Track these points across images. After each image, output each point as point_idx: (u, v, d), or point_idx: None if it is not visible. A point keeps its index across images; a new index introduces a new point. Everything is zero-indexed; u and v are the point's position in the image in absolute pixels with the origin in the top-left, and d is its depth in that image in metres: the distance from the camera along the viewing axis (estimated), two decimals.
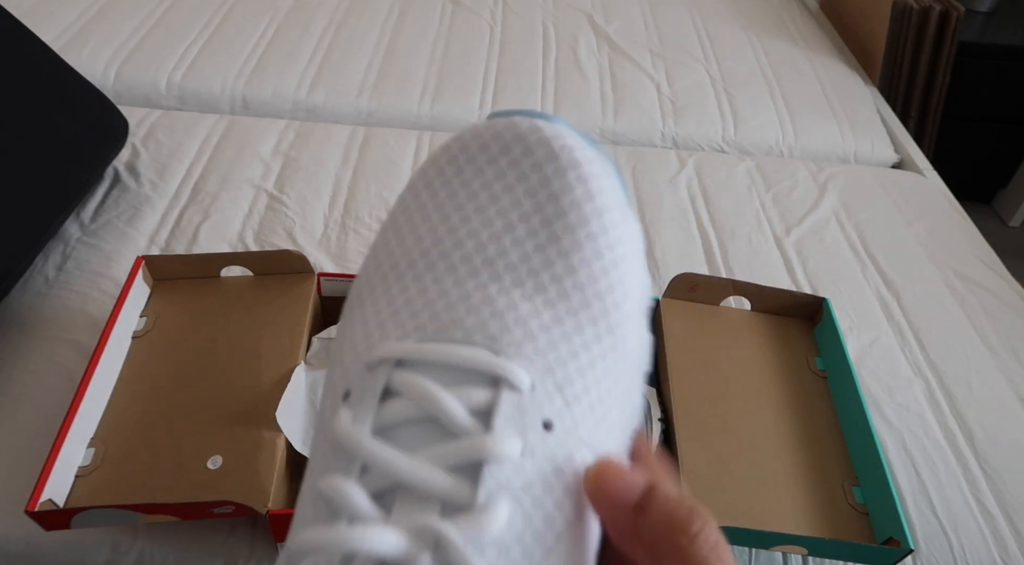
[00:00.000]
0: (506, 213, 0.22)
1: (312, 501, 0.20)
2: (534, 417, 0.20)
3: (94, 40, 1.16)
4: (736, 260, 0.91)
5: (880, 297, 0.89)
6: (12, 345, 0.70)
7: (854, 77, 1.37)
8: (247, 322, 0.66)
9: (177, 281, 0.70)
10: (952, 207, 1.08)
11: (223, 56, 1.17)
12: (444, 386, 0.20)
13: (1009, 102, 1.78)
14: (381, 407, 0.20)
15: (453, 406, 0.19)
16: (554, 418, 0.20)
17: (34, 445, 0.61)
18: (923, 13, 1.43)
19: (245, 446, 0.56)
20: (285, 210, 0.89)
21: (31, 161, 0.74)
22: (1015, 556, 0.64)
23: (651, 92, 1.24)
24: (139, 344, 0.64)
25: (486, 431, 0.19)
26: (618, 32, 1.39)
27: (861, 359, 0.80)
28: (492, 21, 1.38)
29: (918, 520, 0.66)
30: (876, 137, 1.23)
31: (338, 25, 1.30)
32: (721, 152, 1.16)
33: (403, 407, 0.20)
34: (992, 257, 0.99)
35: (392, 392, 0.20)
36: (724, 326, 0.73)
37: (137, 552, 0.58)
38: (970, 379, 0.80)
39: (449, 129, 1.13)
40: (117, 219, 0.85)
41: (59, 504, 0.52)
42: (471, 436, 0.19)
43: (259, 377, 0.61)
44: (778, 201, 1.03)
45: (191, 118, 1.04)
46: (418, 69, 1.21)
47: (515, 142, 0.23)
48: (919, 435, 0.73)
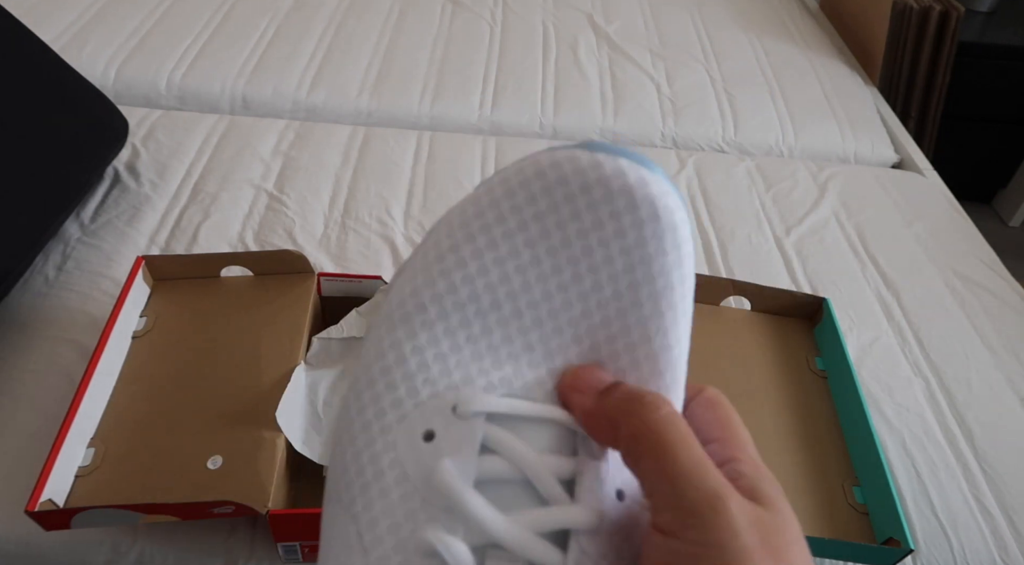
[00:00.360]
0: (597, 270, 0.21)
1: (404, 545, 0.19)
2: (610, 487, 0.21)
3: (94, 40, 1.16)
4: (736, 260, 0.91)
5: (880, 297, 0.89)
6: (12, 345, 0.70)
7: (854, 77, 1.37)
8: (247, 322, 0.66)
9: (177, 281, 0.70)
10: (952, 207, 1.08)
11: (223, 56, 1.17)
12: (536, 450, 0.20)
13: (1009, 102, 1.78)
14: (480, 462, 0.20)
15: (545, 473, 0.20)
16: (625, 487, 0.21)
17: (34, 445, 0.61)
18: (923, 13, 1.43)
19: (245, 446, 0.56)
20: (285, 210, 0.89)
21: (31, 161, 0.74)
22: (1015, 556, 0.64)
23: (651, 92, 1.24)
24: (139, 344, 0.64)
25: (572, 500, 0.20)
26: (618, 32, 1.39)
27: (861, 359, 0.80)
28: (492, 21, 1.38)
29: (918, 520, 0.66)
30: (876, 137, 1.23)
31: (338, 25, 1.30)
32: (721, 152, 1.16)
33: (500, 467, 0.20)
34: (992, 257, 0.99)
35: (487, 448, 0.20)
36: (724, 326, 0.73)
37: (137, 552, 0.58)
38: (970, 379, 0.80)
39: (449, 129, 1.13)
40: (117, 219, 0.85)
41: (59, 504, 0.52)
42: (560, 504, 0.20)
43: (259, 377, 0.61)
44: (778, 201, 1.03)
45: (191, 118, 1.04)
46: (418, 69, 1.21)
47: (621, 193, 0.21)
48: (919, 435, 0.73)
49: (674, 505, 0.20)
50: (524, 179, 0.21)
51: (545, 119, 1.15)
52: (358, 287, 0.71)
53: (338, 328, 0.67)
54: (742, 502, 0.20)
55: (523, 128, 1.15)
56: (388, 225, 0.89)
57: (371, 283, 0.70)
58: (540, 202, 0.21)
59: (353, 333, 0.67)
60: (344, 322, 0.67)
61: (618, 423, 0.20)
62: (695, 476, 0.19)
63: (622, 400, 0.21)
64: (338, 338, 0.66)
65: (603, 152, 0.21)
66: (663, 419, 0.20)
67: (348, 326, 0.67)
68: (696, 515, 0.19)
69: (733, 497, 0.19)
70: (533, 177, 0.21)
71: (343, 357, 0.66)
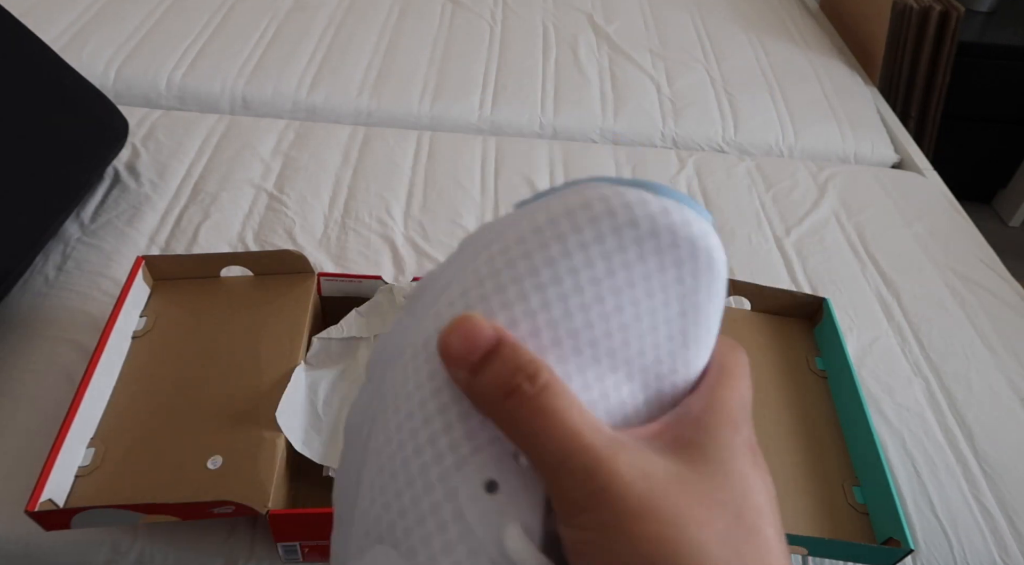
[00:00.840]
0: (655, 313, 0.22)
1: None
2: None
3: (94, 40, 1.16)
4: (736, 260, 0.91)
5: (880, 297, 0.89)
6: (12, 345, 0.70)
7: (854, 77, 1.37)
8: (247, 322, 0.66)
9: (177, 281, 0.70)
10: (952, 207, 1.08)
11: (223, 56, 1.17)
12: None
13: (1009, 102, 1.78)
14: (546, 521, 0.20)
15: None
16: None
17: (34, 445, 0.61)
18: (923, 13, 1.43)
19: (245, 446, 0.56)
20: (285, 210, 0.89)
21: (31, 161, 0.74)
22: (1015, 556, 0.64)
23: (651, 92, 1.24)
24: (139, 344, 0.64)
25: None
26: (618, 32, 1.39)
27: (861, 359, 0.80)
28: (492, 21, 1.38)
29: (918, 520, 0.66)
30: (876, 137, 1.23)
31: (338, 25, 1.30)
32: (721, 152, 1.16)
33: None
34: (992, 257, 0.99)
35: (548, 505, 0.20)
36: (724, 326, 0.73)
37: (137, 552, 0.58)
38: (970, 379, 0.80)
39: (449, 129, 1.13)
40: (117, 219, 0.85)
41: (59, 504, 0.52)
42: None
43: (259, 377, 0.61)
44: (778, 201, 1.03)
45: (191, 118, 1.04)
46: (418, 69, 1.21)
47: (685, 242, 0.22)
48: (919, 435, 0.73)
49: (556, 491, 0.19)
50: (594, 215, 0.21)
51: (545, 119, 1.15)
52: (358, 287, 0.71)
53: (338, 328, 0.67)
54: (630, 460, 0.18)
55: (523, 128, 1.15)
56: (388, 225, 0.89)
57: (371, 283, 0.70)
58: (608, 241, 0.21)
59: (353, 333, 0.67)
60: (344, 322, 0.67)
61: (499, 407, 0.20)
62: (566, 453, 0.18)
63: (497, 378, 0.20)
64: (338, 338, 0.66)
65: (671, 197, 0.22)
66: (540, 394, 0.19)
67: (348, 326, 0.67)
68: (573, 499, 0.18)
69: (614, 460, 0.18)
70: (603, 214, 0.21)
71: (343, 357, 0.66)
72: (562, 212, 0.21)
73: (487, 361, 0.20)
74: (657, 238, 0.21)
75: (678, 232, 0.21)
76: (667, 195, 0.22)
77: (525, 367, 0.20)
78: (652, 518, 0.18)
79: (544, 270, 0.21)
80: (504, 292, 0.21)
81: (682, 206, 0.22)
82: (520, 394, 0.19)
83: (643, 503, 0.18)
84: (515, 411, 0.19)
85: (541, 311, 0.21)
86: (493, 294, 0.21)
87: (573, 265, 0.21)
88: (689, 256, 0.22)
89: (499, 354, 0.20)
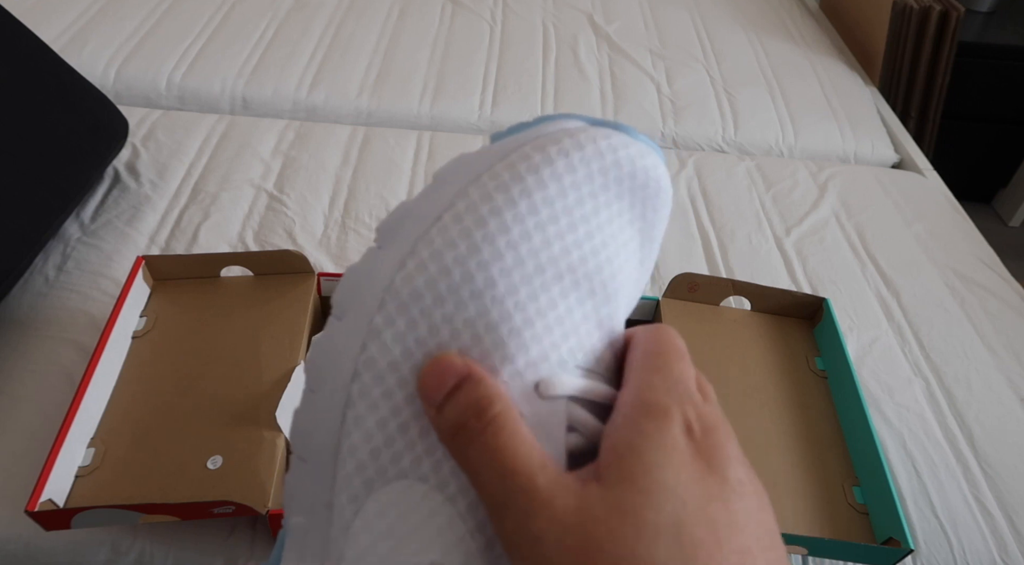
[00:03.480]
0: (616, 238, 0.24)
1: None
2: None
3: (94, 40, 1.16)
4: (736, 260, 0.91)
5: (880, 297, 0.89)
6: (12, 345, 0.70)
7: (854, 77, 1.37)
8: (247, 322, 0.66)
9: (177, 281, 0.70)
10: (952, 207, 1.08)
11: (223, 56, 1.17)
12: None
13: (1009, 102, 1.78)
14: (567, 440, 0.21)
15: None
16: None
17: (34, 445, 0.61)
18: (923, 13, 1.43)
19: (245, 446, 0.56)
20: (285, 210, 0.89)
21: (31, 161, 0.74)
22: (1015, 556, 0.64)
23: (651, 92, 1.24)
24: (139, 344, 0.64)
25: None
26: (618, 32, 1.39)
27: (861, 359, 0.80)
28: (492, 21, 1.38)
29: (918, 520, 0.66)
30: (876, 137, 1.23)
31: (338, 25, 1.30)
32: (721, 152, 1.16)
33: (581, 444, 0.21)
34: (992, 257, 0.99)
35: (571, 428, 0.21)
36: (724, 326, 0.73)
37: (137, 552, 0.58)
38: (970, 379, 0.80)
39: (449, 129, 1.13)
40: (117, 219, 0.85)
41: (59, 504, 0.52)
42: None
43: (259, 377, 0.61)
44: (778, 201, 1.03)
45: (191, 118, 1.04)
46: (418, 69, 1.21)
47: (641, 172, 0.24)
48: (919, 435, 0.73)
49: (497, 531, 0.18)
50: (563, 149, 0.23)
51: None
52: None
53: None
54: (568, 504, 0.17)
55: None
56: None
57: None
58: (578, 172, 0.23)
59: None
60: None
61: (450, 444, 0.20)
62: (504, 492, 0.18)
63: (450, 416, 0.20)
64: None
65: (627, 134, 0.24)
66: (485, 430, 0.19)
67: None
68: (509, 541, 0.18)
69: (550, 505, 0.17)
70: (573, 148, 0.23)
71: None
72: (535, 146, 0.23)
73: (448, 397, 0.20)
74: (618, 168, 0.23)
75: (635, 163, 0.24)
76: (625, 131, 0.24)
77: (477, 402, 0.20)
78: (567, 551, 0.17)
79: (522, 201, 0.22)
80: (485, 225, 0.22)
81: (636, 140, 0.24)
82: (466, 431, 0.19)
83: (575, 557, 0.17)
84: (462, 448, 0.19)
85: (523, 242, 0.22)
86: (475, 228, 0.22)
87: (548, 195, 0.22)
88: (642, 185, 0.24)
89: (460, 390, 0.20)
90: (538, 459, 0.19)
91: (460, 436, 0.19)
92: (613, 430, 0.20)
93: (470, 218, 0.22)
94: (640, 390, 0.20)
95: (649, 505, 0.17)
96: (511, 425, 0.19)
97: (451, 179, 0.23)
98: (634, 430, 0.19)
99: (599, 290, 0.23)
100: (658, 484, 0.17)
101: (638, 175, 0.24)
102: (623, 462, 0.18)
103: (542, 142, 0.23)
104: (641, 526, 0.17)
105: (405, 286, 0.22)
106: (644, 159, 0.24)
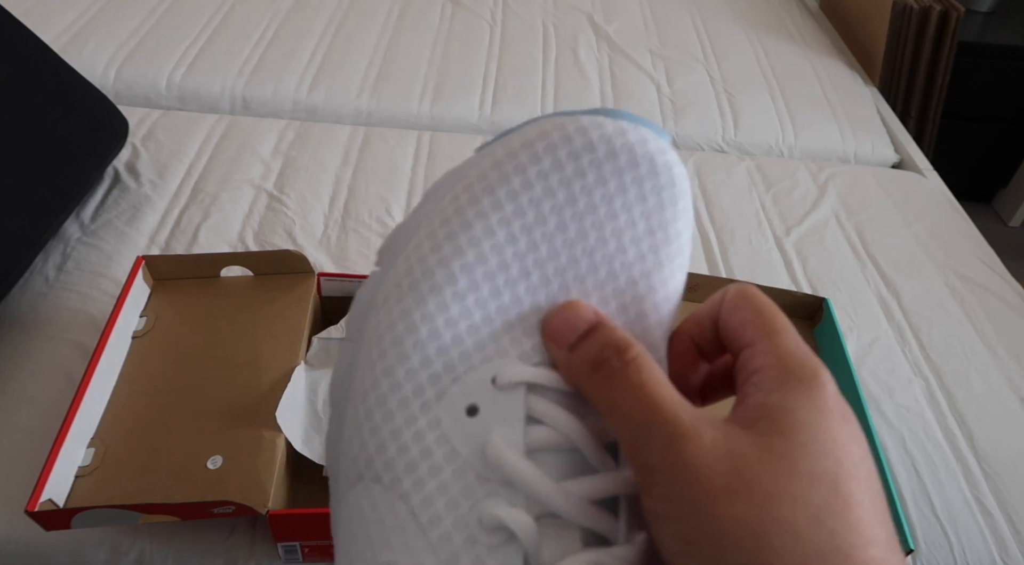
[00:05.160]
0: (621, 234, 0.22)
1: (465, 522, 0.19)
2: None
3: (94, 40, 1.16)
4: (736, 260, 0.91)
5: (880, 297, 0.89)
6: (12, 345, 0.70)
7: (854, 77, 1.37)
8: (247, 322, 0.66)
9: (177, 281, 0.70)
10: (952, 207, 1.08)
11: (223, 56, 1.17)
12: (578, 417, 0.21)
13: (1009, 102, 1.78)
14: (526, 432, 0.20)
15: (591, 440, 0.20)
16: None
17: (34, 445, 0.61)
18: (923, 13, 1.43)
19: (245, 446, 0.56)
20: (285, 210, 0.89)
21: (31, 161, 0.74)
22: (1015, 556, 0.64)
23: (651, 92, 1.24)
24: (139, 344, 0.64)
25: (617, 467, 0.20)
26: (618, 32, 1.39)
27: (861, 359, 0.80)
28: (492, 21, 1.38)
29: (918, 520, 0.66)
30: (876, 137, 1.23)
31: (338, 25, 1.30)
32: (721, 152, 1.16)
33: (547, 436, 0.20)
34: (992, 257, 0.99)
35: (532, 419, 0.21)
36: None
37: (137, 552, 0.58)
38: (970, 379, 0.80)
39: (449, 129, 1.13)
40: (117, 219, 0.85)
41: (59, 504, 0.52)
42: (607, 471, 0.20)
43: (259, 377, 0.61)
44: (778, 201, 1.03)
45: (191, 118, 1.04)
46: (418, 69, 1.21)
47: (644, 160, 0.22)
48: (919, 435, 0.73)
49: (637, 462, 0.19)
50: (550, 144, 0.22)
51: None
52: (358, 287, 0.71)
53: (338, 328, 0.67)
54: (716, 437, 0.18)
55: None
56: (388, 225, 0.89)
57: None
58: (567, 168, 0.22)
59: None
60: (344, 322, 0.67)
61: (588, 380, 0.20)
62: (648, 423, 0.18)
63: (587, 356, 0.20)
64: (338, 338, 0.66)
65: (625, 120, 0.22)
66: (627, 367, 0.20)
67: None
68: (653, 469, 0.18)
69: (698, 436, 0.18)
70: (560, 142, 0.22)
71: None
72: (520, 145, 0.22)
73: (582, 340, 0.21)
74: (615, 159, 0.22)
75: (635, 151, 0.22)
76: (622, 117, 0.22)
77: (616, 343, 0.20)
78: (737, 499, 0.17)
79: (507, 204, 0.22)
80: (471, 229, 0.22)
81: (637, 126, 0.22)
82: (608, 367, 0.20)
83: (728, 482, 0.17)
84: (602, 383, 0.20)
85: (508, 245, 0.22)
86: (460, 231, 0.22)
87: (535, 196, 0.22)
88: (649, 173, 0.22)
89: (594, 333, 0.21)
90: (679, 399, 0.19)
91: (601, 371, 0.20)
92: (756, 391, 0.20)
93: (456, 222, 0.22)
94: (780, 352, 0.20)
95: (805, 455, 0.18)
96: (651, 365, 0.20)
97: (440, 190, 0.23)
98: (787, 392, 0.19)
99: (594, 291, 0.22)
100: (815, 441, 0.18)
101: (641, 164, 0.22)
102: (776, 418, 0.18)
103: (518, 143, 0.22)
104: (796, 472, 0.17)
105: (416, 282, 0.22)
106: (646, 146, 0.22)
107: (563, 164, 0.22)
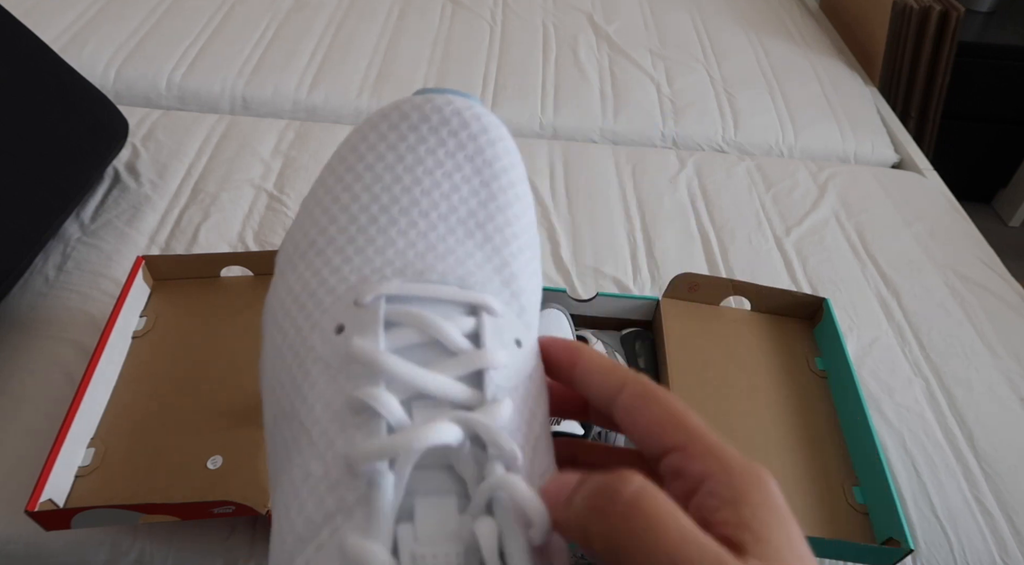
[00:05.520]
0: (451, 175, 0.26)
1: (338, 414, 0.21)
2: (509, 336, 0.24)
3: (94, 40, 1.16)
4: (736, 260, 0.91)
5: (880, 297, 0.89)
6: (12, 345, 0.70)
7: (854, 77, 1.37)
8: (247, 322, 0.66)
9: (177, 281, 0.70)
10: (952, 207, 1.08)
11: (223, 56, 1.17)
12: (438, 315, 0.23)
13: (1009, 102, 1.78)
14: (387, 334, 0.23)
15: (451, 330, 0.23)
16: (521, 337, 0.25)
17: (34, 445, 0.61)
18: (923, 13, 1.43)
19: (245, 446, 0.56)
20: (285, 210, 0.89)
21: (31, 161, 0.74)
22: (1015, 556, 0.64)
23: (651, 92, 1.24)
24: (139, 344, 0.64)
25: (479, 348, 0.23)
26: (618, 32, 1.39)
27: (861, 359, 0.80)
28: (492, 21, 1.38)
29: (918, 520, 0.66)
30: (876, 137, 1.23)
31: (338, 25, 1.30)
32: (721, 152, 1.16)
33: (407, 333, 0.23)
34: (992, 257, 0.99)
35: (392, 323, 0.23)
36: (724, 326, 0.73)
37: (137, 552, 0.58)
38: (970, 379, 0.80)
39: None
40: (117, 219, 0.85)
41: (59, 504, 0.52)
42: (469, 353, 0.23)
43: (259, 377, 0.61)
44: (778, 201, 1.03)
45: (191, 118, 1.04)
46: (418, 69, 1.21)
47: (453, 115, 0.26)
48: (919, 435, 0.73)
49: None
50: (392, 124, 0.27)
51: (545, 119, 1.15)
52: None
53: None
54: None
55: (523, 128, 1.15)
56: None
57: None
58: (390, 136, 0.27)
59: None
60: None
61: (587, 528, 0.19)
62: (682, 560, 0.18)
63: (585, 501, 0.20)
64: None
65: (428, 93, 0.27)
66: (630, 504, 0.19)
67: None
68: None
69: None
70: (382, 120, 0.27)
71: None
72: (368, 127, 0.27)
73: (576, 491, 0.20)
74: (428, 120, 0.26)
75: (444, 110, 0.26)
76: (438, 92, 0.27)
77: (611, 481, 0.19)
78: None
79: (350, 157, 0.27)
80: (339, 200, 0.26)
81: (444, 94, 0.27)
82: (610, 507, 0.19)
83: None
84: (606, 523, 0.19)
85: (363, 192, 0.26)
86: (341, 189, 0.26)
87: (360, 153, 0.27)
88: (460, 125, 0.27)
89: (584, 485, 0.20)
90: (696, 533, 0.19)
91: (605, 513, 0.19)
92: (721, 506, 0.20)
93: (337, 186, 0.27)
94: (718, 455, 0.21)
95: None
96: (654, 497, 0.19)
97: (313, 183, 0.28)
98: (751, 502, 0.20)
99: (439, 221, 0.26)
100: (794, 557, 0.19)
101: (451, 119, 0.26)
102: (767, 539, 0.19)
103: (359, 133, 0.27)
104: None
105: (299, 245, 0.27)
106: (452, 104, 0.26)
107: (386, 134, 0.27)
